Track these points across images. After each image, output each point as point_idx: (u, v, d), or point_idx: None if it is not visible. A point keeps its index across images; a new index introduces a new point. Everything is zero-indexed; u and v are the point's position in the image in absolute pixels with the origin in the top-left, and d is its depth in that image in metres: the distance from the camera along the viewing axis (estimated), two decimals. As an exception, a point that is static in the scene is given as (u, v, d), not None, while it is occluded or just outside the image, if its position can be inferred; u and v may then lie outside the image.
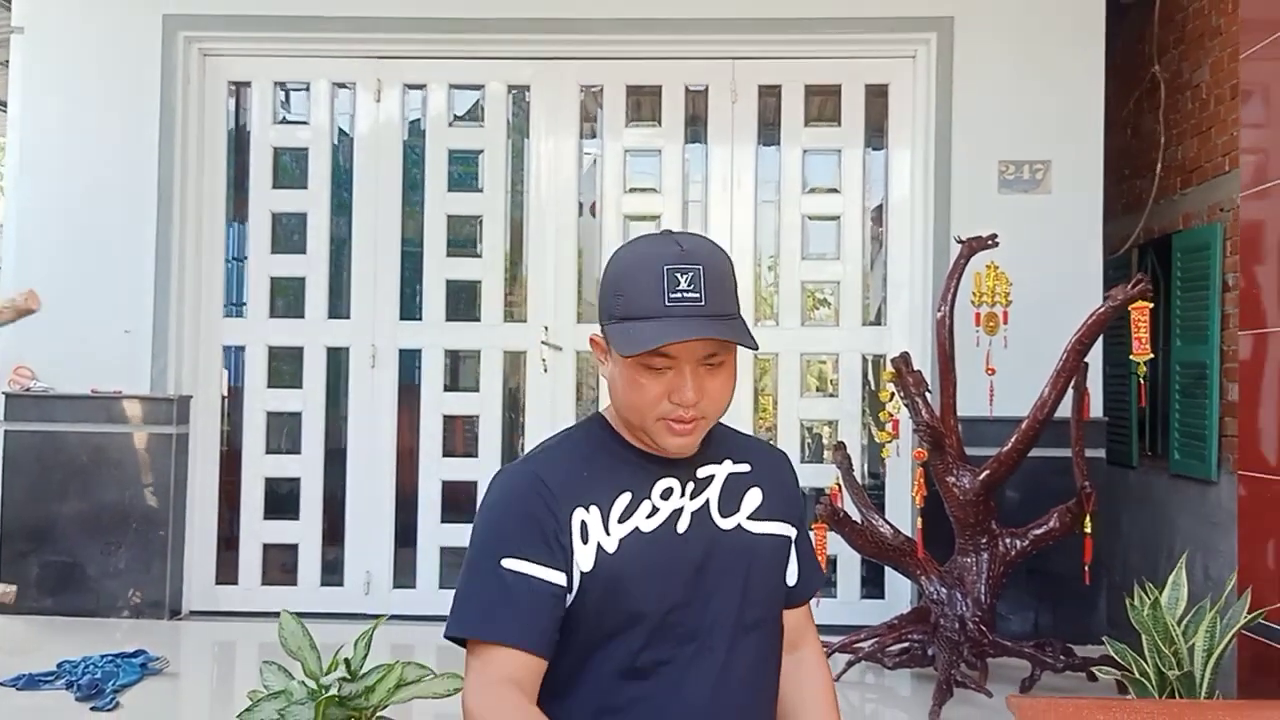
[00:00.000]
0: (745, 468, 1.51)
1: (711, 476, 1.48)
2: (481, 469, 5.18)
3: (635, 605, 1.36)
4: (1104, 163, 4.92)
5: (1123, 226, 5.57)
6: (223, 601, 5.07)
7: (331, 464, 5.23)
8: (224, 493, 5.21)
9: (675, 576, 1.39)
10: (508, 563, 1.32)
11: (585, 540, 1.35)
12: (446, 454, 5.23)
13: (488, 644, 1.31)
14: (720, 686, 1.39)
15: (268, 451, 5.23)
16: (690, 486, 1.46)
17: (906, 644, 4.07)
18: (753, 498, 1.50)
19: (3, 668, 4.04)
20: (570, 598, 1.35)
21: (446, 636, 1.36)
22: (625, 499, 1.40)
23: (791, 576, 1.54)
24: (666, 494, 1.43)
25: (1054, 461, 4.33)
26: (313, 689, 2.89)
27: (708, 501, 1.46)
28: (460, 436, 5.34)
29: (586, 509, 1.37)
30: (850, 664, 4.04)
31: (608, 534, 1.36)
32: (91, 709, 3.67)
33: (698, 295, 1.32)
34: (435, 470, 5.19)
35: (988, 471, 3.95)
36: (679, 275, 1.31)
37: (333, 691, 2.87)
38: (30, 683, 3.91)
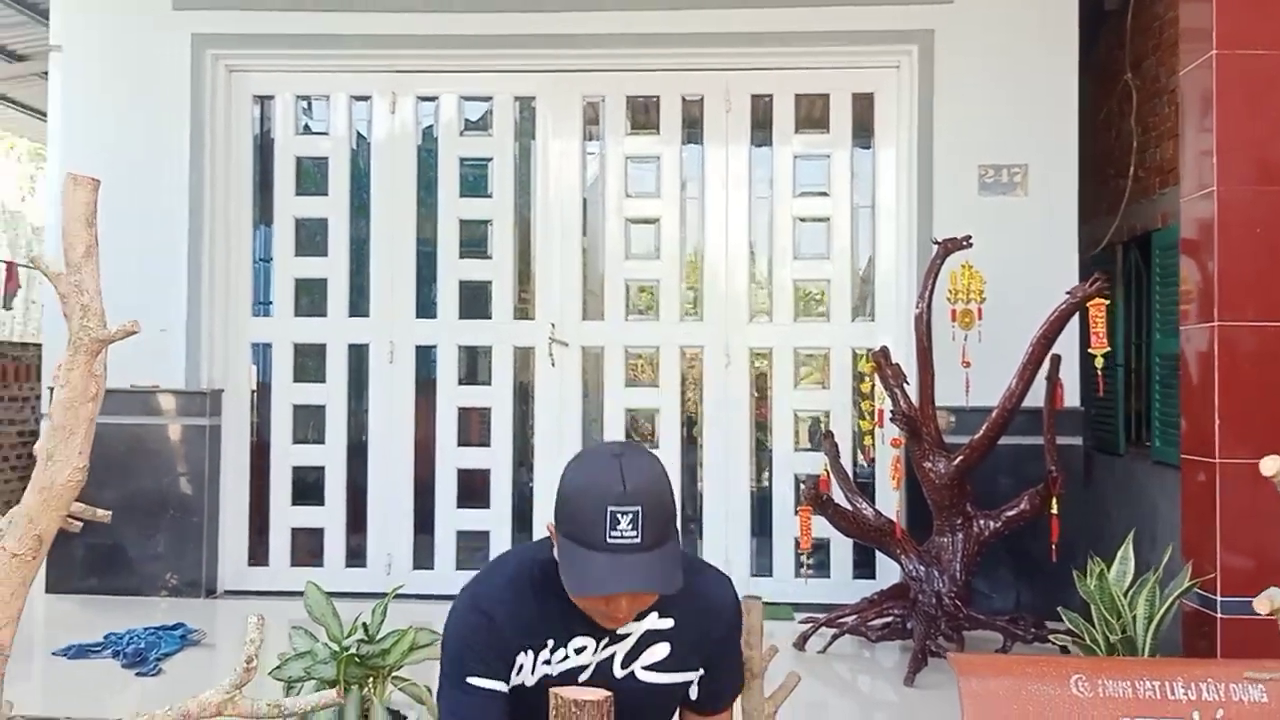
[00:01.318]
0: (667, 624, 1.76)
1: (628, 634, 1.75)
2: (494, 458, 5.51)
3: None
4: (1088, 163, 5.17)
5: (1105, 225, 5.83)
6: (254, 582, 5.44)
7: (354, 453, 5.57)
8: (254, 480, 5.57)
9: None
10: (471, 680, 1.66)
11: (518, 674, 1.69)
12: (462, 444, 5.57)
13: None
14: None
15: (294, 442, 5.58)
16: (605, 641, 1.74)
17: (889, 618, 4.36)
18: (658, 651, 1.76)
19: (54, 640, 4.41)
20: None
21: None
22: (550, 644, 1.72)
23: (693, 693, 1.80)
24: (580, 650, 1.73)
25: (1034, 449, 4.59)
26: (335, 650, 3.23)
27: (612, 655, 1.75)
28: (474, 427, 5.67)
29: (524, 651, 1.69)
30: (835, 637, 4.34)
31: (532, 673, 1.69)
32: (136, 675, 4.02)
33: (635, 535, 1.59)
34: (451, 459, 5.52)
35: (961, 457, 4.23)
36: (620, 516, 1.59)
37: (352, 651, 3.20)
38: (80, 652, 4.28)
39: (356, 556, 5.50)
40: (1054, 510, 4.12)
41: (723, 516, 5.42)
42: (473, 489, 5.55)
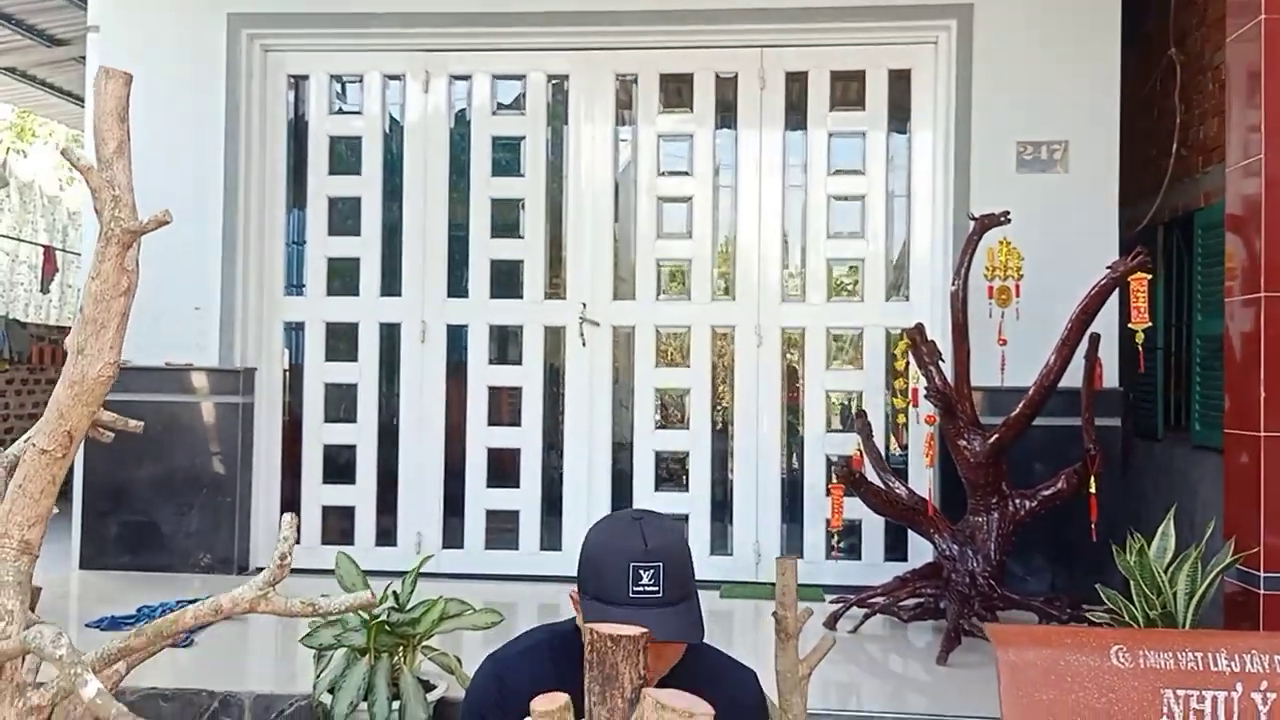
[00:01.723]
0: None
1: None
2: (525, 438, 5.51)
3: None
4: (1129, 142, 5.08)
5: (1145, 205, 5.72)
6: (285, 559, 5.45)
7: (385, 432, 5.59)
8: (286, 459, 5.60)
9: None
10: None
11: None
12: (492, 423, 5.56)
13: None
14: None
15: (326, 421, 5.60)
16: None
17: (921, 599, 4.31)
18: None
19: (88, 613, 4.45)
20: None
21: None
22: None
23: None
24: None
25: (1070, 431, 4.51)
26: (365, 619, 3.23)
27: None
28: (505, 407, 5.66)
29: None
30: (866, 617, 4.29)
31: None
32: (170, 645, 4.04)
33: (656, 589, 1.65)
34: (482, 438, 5.52)
35: (996, 435, 4.17)
36: (642, 572, 1.64)
37: (382, 619, 3.20)
38: (113, 624, 4.31)
39: (386, 535, 5.51)
40: (1092, 490, 4.04)
41: (753, 498, 5.38)
42: (503, 469, 5.55)
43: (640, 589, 1.64)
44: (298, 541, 5.30)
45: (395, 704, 3.15)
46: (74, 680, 0.90)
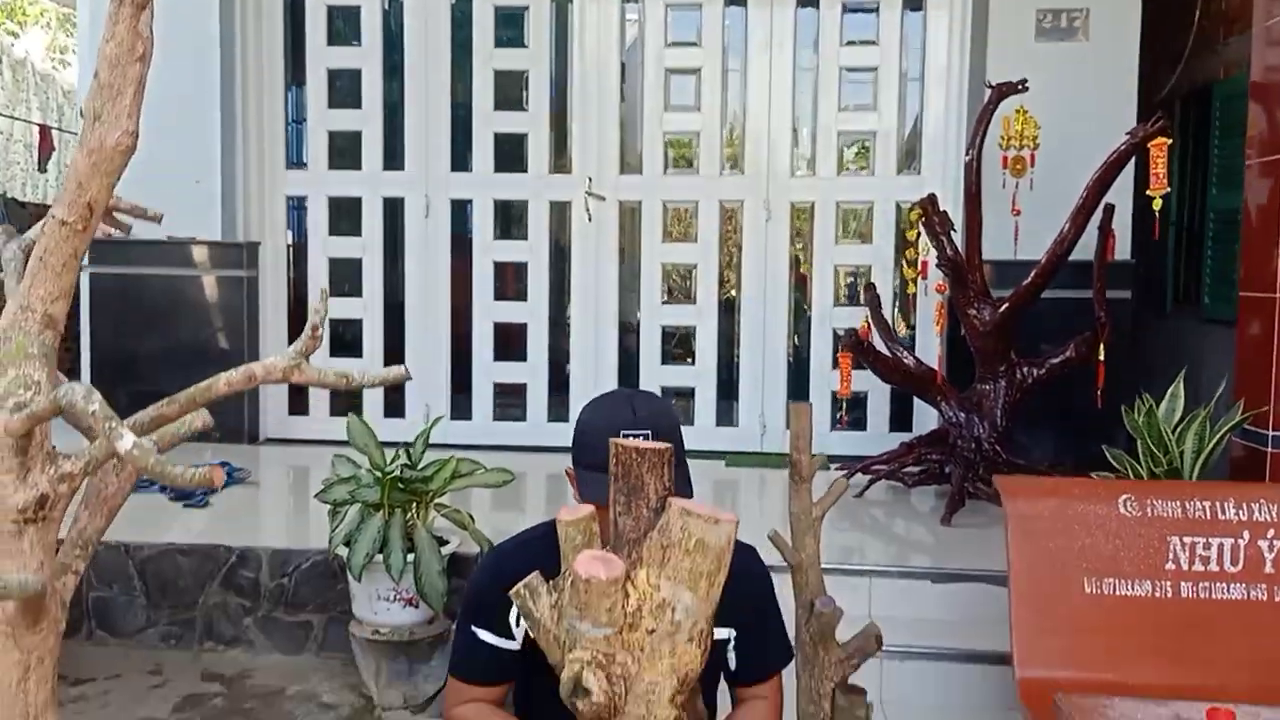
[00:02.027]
0: None
1: None
2: (532, 312, 5.49)
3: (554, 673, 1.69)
4: (1149, 13, 4.93)
5: (1163, 79, 5.60)
6: (296, 430, 5.51)
7: (391, 306, 5.57)
8: (293, 332, 5.59)
9: None
10: (475, 629, 1.77)
11: (519, 625, 1.74)
12: (499, 298, 5.54)
13: (462, 681, 1.78)
14: None
15: (331, 295, 5.57)
16: None
17: (925, 465, 4.35)
18: None
19: (103, 478, 4.50)
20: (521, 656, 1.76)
21: (449, 673, 1.82)
22: None
23: (731, 662, 1.82)
24: None
25: (1081, 304, 4.49)
26: (379, 475, 3.26)
27: None
28: (510, 282, 5.64)
29: None
30: (871, 482, 4.35)
31: None
32: (184, 506, 4.11)
33: None
34: (488, 313, 5.51)
35: (1007, 303, 4.15)
36: (632, 438, 1.64)
37: (395, 474, 3.23)
38: (129, 485, 4.36)
39: (395, 409, 5.54)
40: (1101, 357, 4.04)
41: (759, 372, 5.39)
42: (509, 343, 5.55)
43: None
44: (306, 413, 5.32)
45: (410, 557, 3.21)
46: (109, 433, 0.89)
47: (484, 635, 1.77)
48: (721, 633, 1.80)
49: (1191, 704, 1.98)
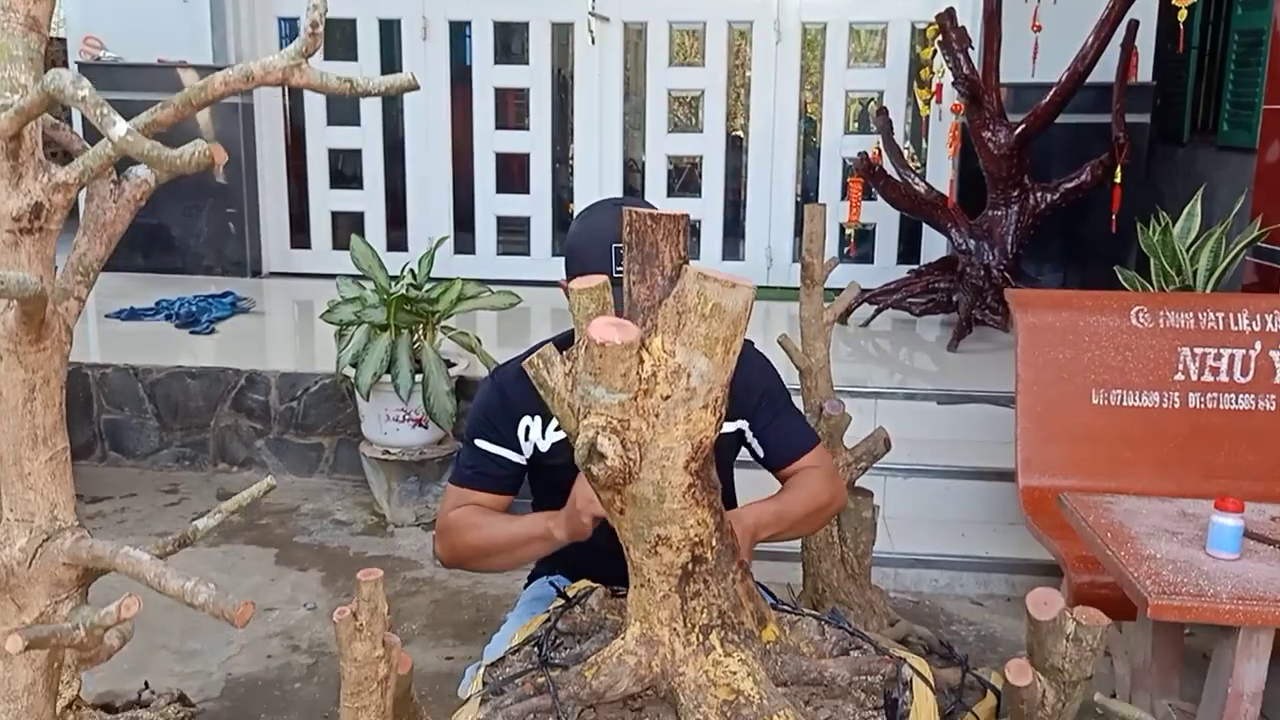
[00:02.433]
0: None
1: None
2: (534, 142, 5.36)
3: (565, 488, 1.61)
4: None
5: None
6: (297, 264, 5.47)
7: (390, 134, 5.44)
8: (291, 163, 5.48)
9: None
10: (479, 442, 1.77)
11: (527, 439, 1.76)
12: (499, 127, 5.40)
13: (463, 487, 1.78)
14: None
15: (329, 124, 5.44)
16: None
17: (932, 293, 4.32)
18: None
19: (107, 306, 4.48)
20: (527, 470, 1.79)
21: (449, 483, 1.81)
22: None
23: (758, 450, 1.79)
24: None
25: (1098, 129, 4.37)
26: (384, 296, 3.24)
27: None
28: (511, 110, 5.48)
29: (531, 417, 1.76)
30: (878, 311, 4.32)
31: (543, 438, 1.75)
32: (191, 333, 4.11)
33: None
34: (489, 143, 5.38)
35: (1024, 124, 4.03)
36: (623, 252, 1.53)
37: (401, 294, 3.21)
38: (132, 315, 4.36)
39: (397, 244, 5.48)
40: (1117, 180, 3.94)
41: (766, 202, 5.30)
42: (510, 174, 5.45)
43: (622, 268, 1.66)
44: (308, 246, 5.25)
45: (418, 377, 3.22)
46: (100, 120, 0.85)
47: (487, 446, 1.78)
48: (731, 426, 1.79)
49: (1196, 500, 2.00)
